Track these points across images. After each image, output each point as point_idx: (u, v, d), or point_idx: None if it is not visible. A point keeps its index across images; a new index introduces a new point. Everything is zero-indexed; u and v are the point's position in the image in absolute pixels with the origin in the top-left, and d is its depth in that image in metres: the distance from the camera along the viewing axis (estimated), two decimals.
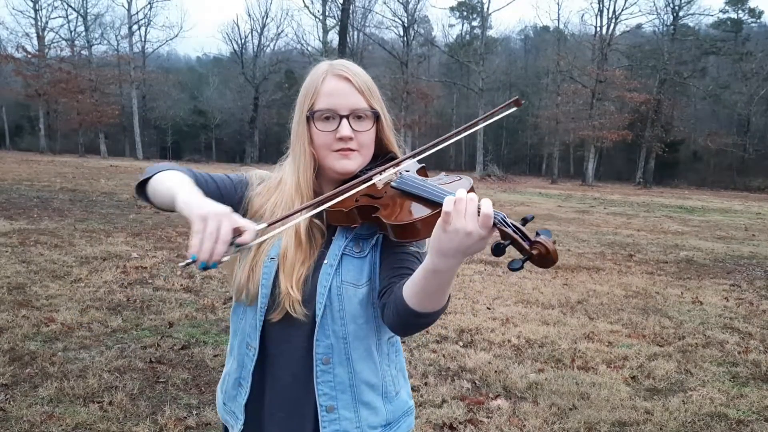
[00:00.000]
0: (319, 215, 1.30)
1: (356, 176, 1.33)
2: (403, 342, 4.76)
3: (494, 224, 0.99)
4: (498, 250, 0.98)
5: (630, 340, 5.22)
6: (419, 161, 1.39)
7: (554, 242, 0.96)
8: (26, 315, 4.78)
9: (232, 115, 51.98)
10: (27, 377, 3.67)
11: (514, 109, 1.25)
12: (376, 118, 1.32)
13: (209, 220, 1.00)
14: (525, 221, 1.02)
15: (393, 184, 1.27)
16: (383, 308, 1.22)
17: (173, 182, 1.17)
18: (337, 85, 1.29)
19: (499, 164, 42.14)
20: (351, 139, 1.28)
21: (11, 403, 3.33)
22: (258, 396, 1.33)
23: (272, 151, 55.91)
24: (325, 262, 1.28)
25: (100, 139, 43.65)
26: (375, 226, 1.26)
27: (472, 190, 1.15)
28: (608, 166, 49.46)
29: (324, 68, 1.32)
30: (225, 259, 1.01)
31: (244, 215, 1.33)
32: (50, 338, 4.35)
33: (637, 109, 40.20)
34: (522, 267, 0.97)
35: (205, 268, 1.00)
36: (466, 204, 0.98)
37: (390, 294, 1.20)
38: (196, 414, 3.38)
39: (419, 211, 1.17)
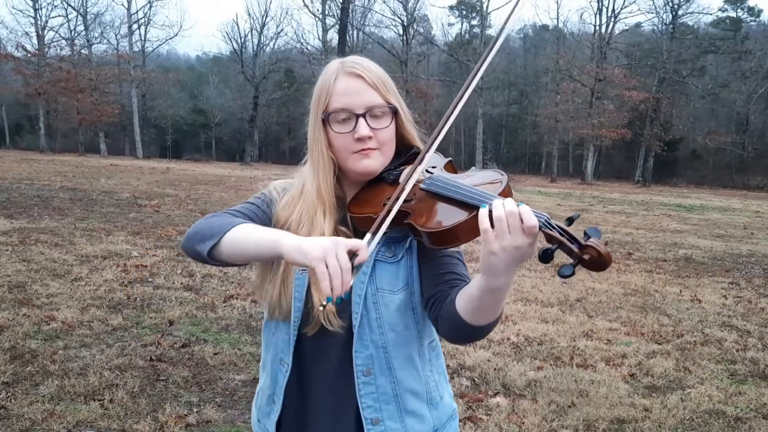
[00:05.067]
0: (344, 221, 1.27)
1: (380, 176, 1.27)
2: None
3: (540, 228, 0.95)
4: (546, 257, 0.92)
5: (629, 337, 5.23)
6: (445, 155, 1.32)
7: (606, 243, 0.89)
8: (27, 313, 4.79)
9: (231, 114, 51.88)
10: (28, 375, 3.68)
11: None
12: (394, 113, 1.26)
13: (329, 258, 1.00)
14: (571, 221, 0.96)
15: (422, 185, 1.18)
16: (436, 321, 1.19)
17: (259, 234, 1.13)
18: (350, 83, 1.22)
19: (499, 163, 42.21)
20: (370, 138, 1.22)
21: (12, 400, 3.34)
22: (295, 412, 1.30)
23: (272, 150, 55.88)
24: None
25: (100, 138, 43.56)
26: (408, 232, 1.18)
27: (508, 188, 1.09)
28: (607, 164, 49.45)
29: (335, 67, 1.25)
30: (353, 282, 1.04)
31: None
32: (51, 336, 4.37)
33: (636, 108, 40.15)
34: (574, 273, 0.90)
35: (341, 301, 1.04)
36: (507, 222, 0.94)
37: (441, 306, 1.17)
38: (197, 411, 3.40)
39: (454, 215, 1.08)
